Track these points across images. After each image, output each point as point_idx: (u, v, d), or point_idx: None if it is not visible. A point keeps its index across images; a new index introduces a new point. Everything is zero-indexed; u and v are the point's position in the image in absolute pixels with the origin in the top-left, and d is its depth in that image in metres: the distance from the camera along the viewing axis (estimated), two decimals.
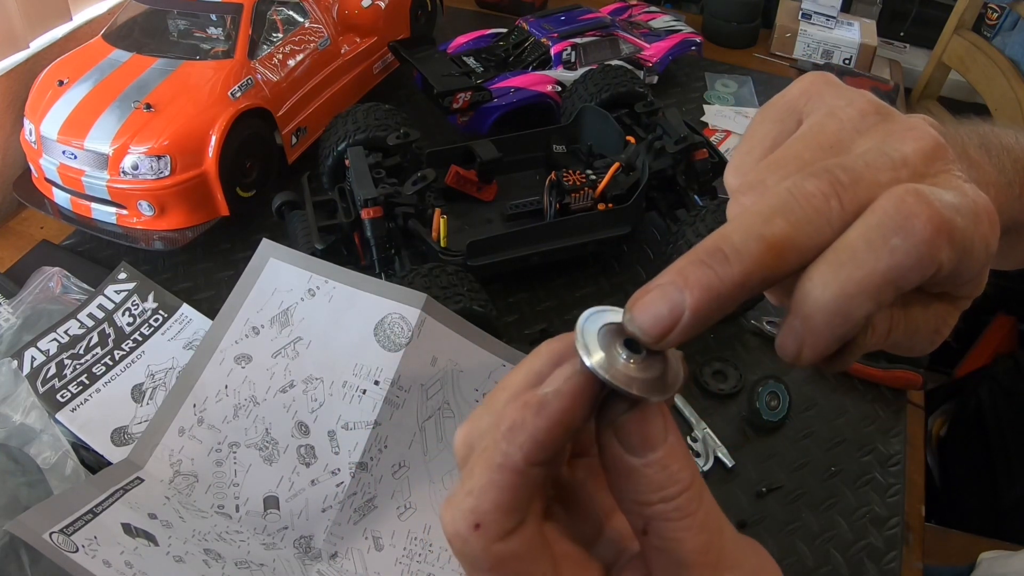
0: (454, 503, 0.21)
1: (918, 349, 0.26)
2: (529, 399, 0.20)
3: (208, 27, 0.83)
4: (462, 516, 0.20)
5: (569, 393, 0.20)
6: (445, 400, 0.57)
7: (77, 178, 0.76)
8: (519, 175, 0.86)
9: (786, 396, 0.68)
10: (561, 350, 0.22)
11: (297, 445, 0.57)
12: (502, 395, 0.22)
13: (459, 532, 0.20)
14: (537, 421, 0.20)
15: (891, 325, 0.23)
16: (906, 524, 0.63)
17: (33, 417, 0.58)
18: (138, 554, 0.49)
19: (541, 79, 0.96)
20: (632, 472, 0.21)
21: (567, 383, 0.20)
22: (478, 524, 0.20)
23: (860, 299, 0.20)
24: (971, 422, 1.14)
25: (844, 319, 0.20)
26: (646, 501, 0.21)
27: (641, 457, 0.20)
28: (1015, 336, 1.39)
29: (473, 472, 0.20)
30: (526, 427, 0.20)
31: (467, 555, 0.20)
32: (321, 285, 0.59)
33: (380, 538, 0.55)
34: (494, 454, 0.20)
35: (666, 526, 0.20)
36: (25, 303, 0.70)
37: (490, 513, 0.20)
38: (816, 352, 0.21)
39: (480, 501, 0.20)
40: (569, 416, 0.20)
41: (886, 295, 0.20)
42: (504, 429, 0.20)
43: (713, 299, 0.20)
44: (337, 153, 0.80)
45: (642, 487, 0.20)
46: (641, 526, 0.21)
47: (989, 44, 1.25)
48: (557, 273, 0.81)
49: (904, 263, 0.20)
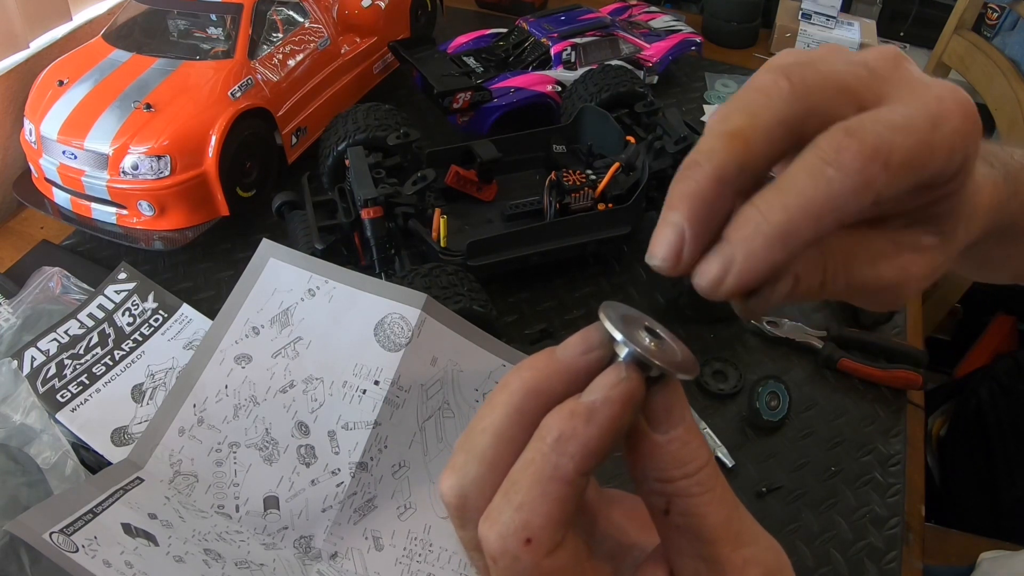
0: (499, 520, 0.20)
1: (880, 303, 0.25)
2: (576, 408, 0.20)
3: (208, 27, 0.83)
4: (512, 533, 0.20)
5: (619, 399, 0.20)
6: (445, 400, 0.57)
7: (77, 178, 0.76)
8: (519, 175, 0.86)
9: (786, 396, 0.68)
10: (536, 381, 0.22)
11: (297, 445, 0.57)
12: (484, 440, 0.21)
13: (509, 550, 0.20)
14: (589, 430, 0.20)
15: (825, 277, 0.23)
16: (906, 524, 0.63)
17: (33, 417, 0.58)
18: (138, 554, 0.49)
19: (541, 79, 0.96)
20: (656, 449, 0.21)
21: (615, 389, 0.20)
22: (529, 539, 0.20)
23: (801, 223, 0.20)
24: (971, 422, 1.14)
25: (783, 243, 0.20)
26: (669, 478, 0.21)
27: (665, 434, 0.21)
28: (1015, 336, 1.40)
29: (519, 487, 0.20)
30: (577, 437, 0.20)
31: (515, 573, 0.20)
32: (321, 285, 0.59)
33: (380, 538, 0.55)
34: (543, 467, 0.20)
35: (689, 502, 0.21)
36: (25, 303, 0.70)
37: (542, 528, 0.20)
38: (741, 280, 0.21)
39: (531, 516, 0.20)
40: (620, 421, 0.20)
41: (826, 222, 0.20)
42: (551, 441, 0.20)
43: (702, 204, 0.21)
44: (337, 153, 0.80)
45: (665, 463, 0.21)
46: (663, 505, 0.21)
47: (989, 44, 1.25)
48: (557, 273, 0.81)
49: (840, 192, 0.20)
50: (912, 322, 0.82)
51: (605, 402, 0.20)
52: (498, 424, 0.21)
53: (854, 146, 0.21)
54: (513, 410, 0.21)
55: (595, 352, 0.22)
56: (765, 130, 0.21)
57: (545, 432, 0.20)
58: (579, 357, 0.22)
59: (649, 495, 0.22)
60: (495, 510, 0.21)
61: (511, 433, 0.21)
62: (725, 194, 0.21)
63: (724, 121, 0.22)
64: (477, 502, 0.21)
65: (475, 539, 0.22)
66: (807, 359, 0.76)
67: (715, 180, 0.21)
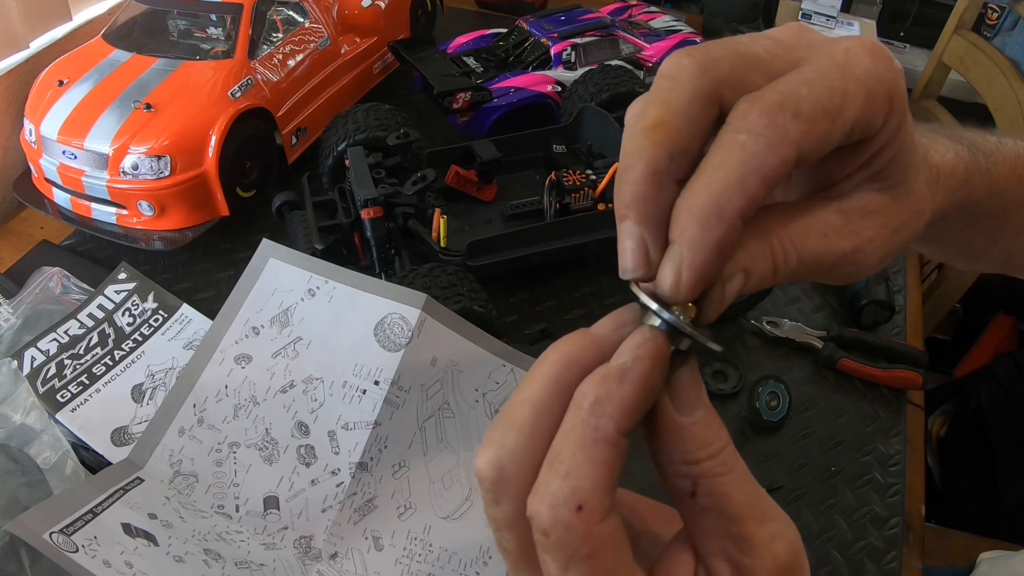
0: (548, 491, 0.20)
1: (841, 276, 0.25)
2: (608, 372, 0.21)
3: (208, 27, 0.83)
4: (563, 501, 0.20)
5: (648, 356, 0.21)
6: (445, 400, 0.57)
7: (77, 178, 0.76)
8: (519, 175, 0.86)
9: (786, 396, 0.68)
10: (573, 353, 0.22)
11: (297, 445, 0.57)
12: (524, 411, 0.22)
13: (561, 519, 0.20)
14: (624, 389, 0.21)
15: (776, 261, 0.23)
16: (906, 524, 0.63)
17: (33, 417, 0.58)
18: (138, 554, 0.49)
19: (541, 79, 0.96)
20: (680, 431, 0.22)
21: (643, 348, 0.21)
22: (581, 506, 0.20)
23: (729, 195, 0.20)
24: (971, 422, 1.14)
25: (719, 220, 0.20)
26: (694, 459, 0.21)
27: (689, 416, 0.22)
28: (1015, 336, 1.40)
29: (563, 456, 0.20)
30: (612, 398, 0.20)
31: (568, 543, 0.20)
32: (321, 285, 0.59)
33: (380, 538, 0.55)
34: (584, 432, 0.20)
35: (714, 482, 0.21)
36: (25, 303, 0.70)
37: (591, 491, 0.20)
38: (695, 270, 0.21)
39: (580, 481, 0.20)
40: (651, 379, 0.21)
41: (753, 187, 0.21)
42: (588, 405, 0.21)
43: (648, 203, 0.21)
44: (337, 153, 0.80)
45: (690, 445, 0.21)
46: (689, 488, 0.22)
47: (989, 44, 1.25)
48: (557, 273, 0.81)
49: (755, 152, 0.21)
50: (912, 322, 0.82)
51: (636, 360, 0.21)
52: (536, 395, 0.22)
53: (756, 106, 0.21)
54: (551, 381, 0.22)
55: (627, 328, 0.22)
56: (682, 112, 0.21)
57: (581, 399, 0.21)
58: (612, 332, 0.22)
59: (674, 478, 0.22)
60: (542, 483, 0.21)
61: (549, 404, 0.22)
62: (665, 185, 0.21)
63: (642, 117, 0.22)
64: (515, 474, 0.21)
65: (509, 516, 0.22)
66: (807, 359, 0.76)
67: (651, 176, 0.21)
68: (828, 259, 0.24)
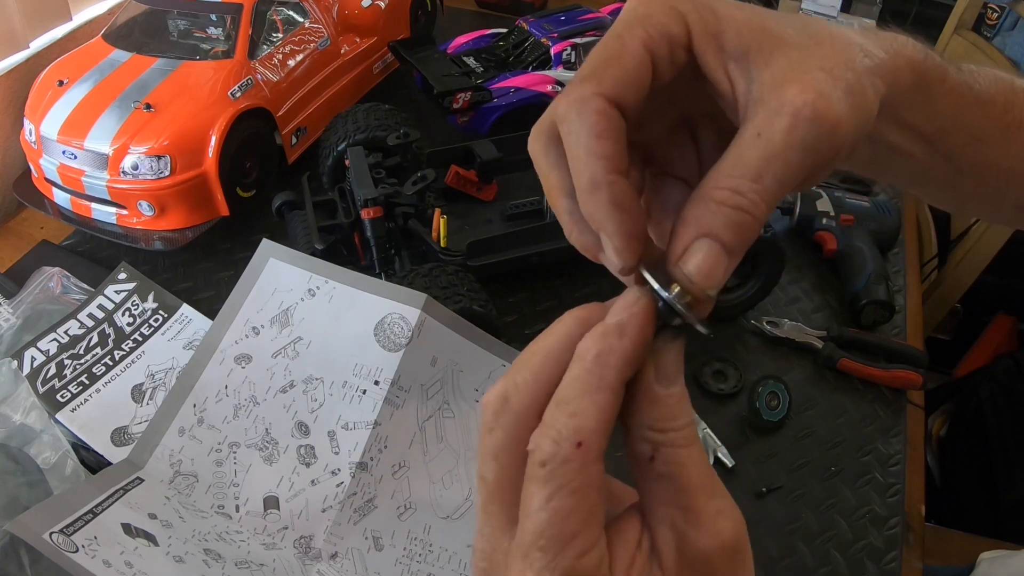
0: (553, 427, 0.22)
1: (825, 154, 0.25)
2: (607, 328, 0.23)
3: (208, 27, 0.83)
4: (567, 437, 0.22)
5: (641, 312, 0.24)
6: (445, 400, 0.57)
7: (77, 178, 0.76)
8: (519, 175, 0.85)
9: (786, 396, 0.68)
10: (586, 316, 0.25)
11: (297, 445, 0.57)
12: (536, 358, 0.24)
13: (560, 453, 0.22)
14: (623, 342, 0.23)
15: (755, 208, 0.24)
16: (906, 524, 0.63)
17: (33, 417, 0.58)
18: (138, 554, 0.49)
19: (541, 79, 0.96)
20: (655, 400, 0.23)
21: (637, 305, 0.24)
22: (580, 443, 0.22)
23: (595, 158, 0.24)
24: (971, 422, 1.14)
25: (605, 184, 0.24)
26: (661, 428, 0.23)
27: (666, 388, 0.24)
28: (1015, 336, 1.40)
29: (569, 398, 0.22)
30: (614, 350, 0.23)
31: (562, 475, 0.22)
32: (321, 285, 0.59)
33: (380, 538, 0.55)
34: (589, 379, 0.22)
35: (673, 452, 0.23)
36: (25, 303, 0.70)
37: (592, 432, 0.22)
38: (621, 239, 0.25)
39: (584, 421, 0.22)
40: (645, 335, 0.23)
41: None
42: (592, 357, 0.23)
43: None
44: (337, 153, 0.80)
45: (660, 415, 0.23)
46: (650, 452, 0.23)
47: (989, 44, 1.25)
48: (557, 273, 0.81)
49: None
50: (912, 322, 0.82)
51: (632, 317, 0.23)
52: (549, 345, 0.24)
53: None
54: (564, 335, 0.24)
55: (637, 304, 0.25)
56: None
57: (584, 352, 0.23)
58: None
59: (639, 442, 0.24)
60: (548, 420, 0.23)
61: (558, 354, 0.24)
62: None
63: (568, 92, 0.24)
64: (516, 406, 0.23)
65: (497, 444, 0.23)
66: (807, 359, 0.76)
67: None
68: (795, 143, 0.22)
